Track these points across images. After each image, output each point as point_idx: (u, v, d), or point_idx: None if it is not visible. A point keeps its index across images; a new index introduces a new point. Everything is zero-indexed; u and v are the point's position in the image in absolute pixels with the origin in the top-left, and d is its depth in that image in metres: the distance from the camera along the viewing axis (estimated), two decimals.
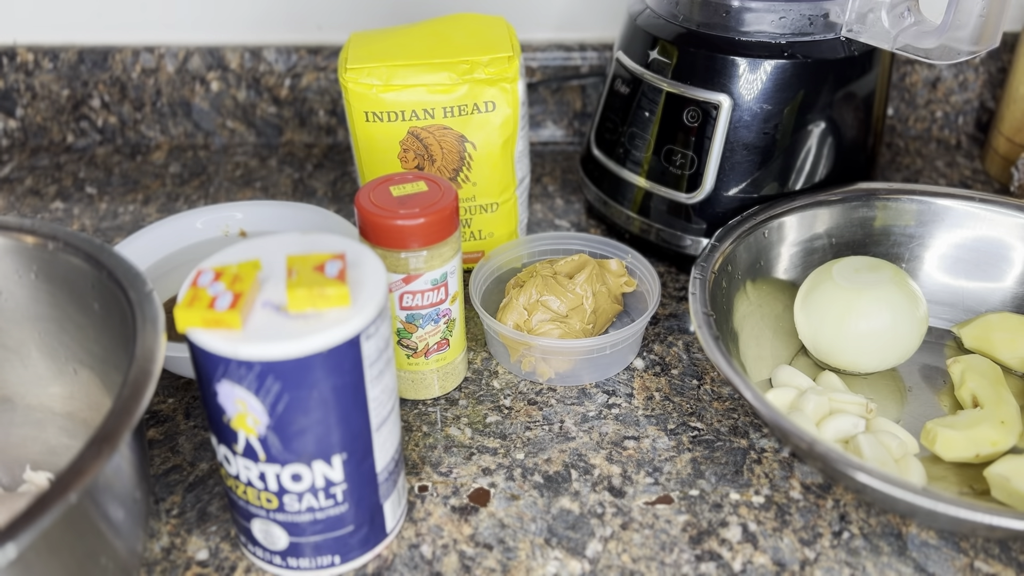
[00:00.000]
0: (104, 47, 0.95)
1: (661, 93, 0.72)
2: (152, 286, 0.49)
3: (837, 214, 0.69)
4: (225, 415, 0.46)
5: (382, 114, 0.69)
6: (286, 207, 0.76)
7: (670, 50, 0.71)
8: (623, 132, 0.75)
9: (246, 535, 0.52)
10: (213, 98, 0.97)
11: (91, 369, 0.55)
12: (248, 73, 0.95)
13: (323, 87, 0.96)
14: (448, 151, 0.71)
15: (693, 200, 0.72)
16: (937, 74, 0.96)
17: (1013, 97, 0.88)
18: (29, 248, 0.53)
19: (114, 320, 0.50)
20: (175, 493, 0.58)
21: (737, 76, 0.68)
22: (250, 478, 0.48)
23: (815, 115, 0.70)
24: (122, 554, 0.45)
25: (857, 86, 0.71)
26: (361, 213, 0.56)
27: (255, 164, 0.96)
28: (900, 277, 0.62)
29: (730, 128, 0.69)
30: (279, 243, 0.50)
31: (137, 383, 0.43)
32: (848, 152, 0.73)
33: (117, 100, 0.97)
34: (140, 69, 0.95)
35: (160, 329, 0.46)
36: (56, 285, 0.53)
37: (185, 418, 0.64)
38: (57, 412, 0.57)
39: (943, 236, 0.70)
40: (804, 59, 0.68)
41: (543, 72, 0.95)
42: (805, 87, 0.69)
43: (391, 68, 0.68)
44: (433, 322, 0.61)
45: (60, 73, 0.95)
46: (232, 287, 0.44)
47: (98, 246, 0.52)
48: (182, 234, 0.74)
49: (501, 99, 0.70)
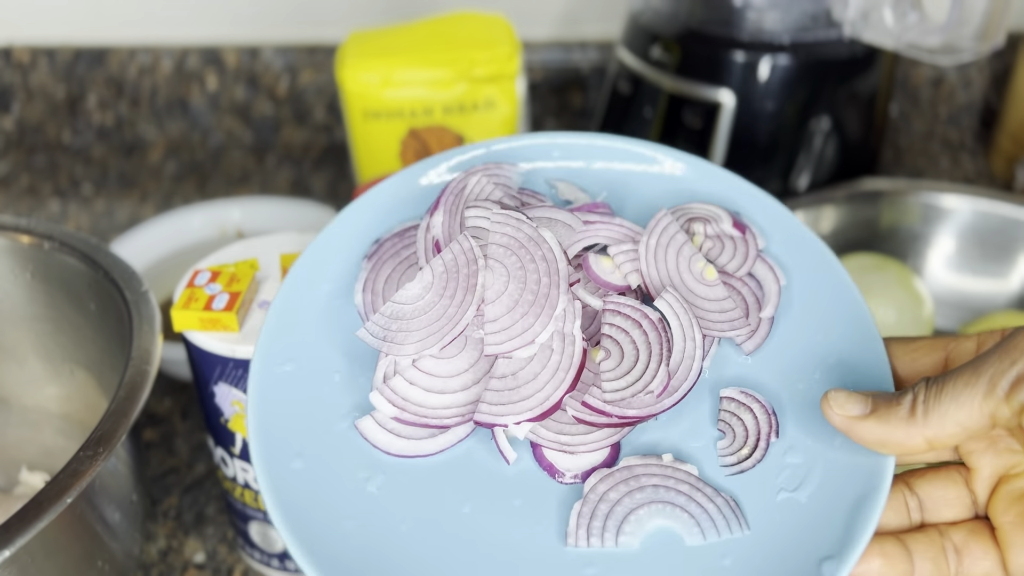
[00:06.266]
0: (100, 46, 0.94)
1: (663, 91, 0.71)
2: (148, 286, 0.48)
3: (842, 212, 0.69)
4: (222, 416, 0.45)
5: (380, 112, 0.69)
6: (283, 205, 0.76)
7: (672, 48, 0.70)
8: (625, 130, 0.75)
9: (243, 537, 0.51)
10: (210, 96, 0.96)
11: (87, 370, 0.54)
12: (245, 71, 0.95)
13: (321, 85, 0.95)
14: (447, 149, 0.71)
15: None
16: (941, 73, 0.96)
17: (1017, 96, 0.88)
18: (25, 248, 0.52)
19: (110, 320, 0.49)
20: (172, 495, 0.57)
21: (739, 74, 0.68)
22: (247, 480, 0.47)
23: (818, 113, 0.70)
24: (119, 557, 0.45)
25: (860, 84, 0.71)
26: None
27: (252, 163, 0.95)
28: (905, 276, 0.62)
29: (732, 126, 0.69)
30: (276, 243, 0.49)
31: (134, 384, 0.42)
32: (851, 151, 0.73)
33: (114, 99, 0.96)
34: (137, 67, 0.94)
35: (157, 330, 0.45)
36: (52, 285, 0.53)
37: (182, 419, 0.63)
38: (53, 413, 0.57)
39: (948, 235, 0.69)
40: (807, 57, 0.67)
41: (544, 70, 0.95)
42: (808, 85, 0.68)
43: (389, 65, 0.67)
44: None
45: (56, 72, 0.95)
46: (229, 287, 0.44)
47: (94, 246, 0.51)
48: (179, 233, 0.74)
49: (500, 97, 0.69)
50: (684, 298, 0.38)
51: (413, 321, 0.36)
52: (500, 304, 0.36)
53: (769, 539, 0.33)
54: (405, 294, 0.37)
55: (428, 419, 0.35)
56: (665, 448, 0.36)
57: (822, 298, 0.39)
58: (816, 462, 0.35)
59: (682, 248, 0.39)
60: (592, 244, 0.40)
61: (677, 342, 0.37)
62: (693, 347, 0.37)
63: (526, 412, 0.34)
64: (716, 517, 0.33)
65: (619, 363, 0.36)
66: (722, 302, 0.38)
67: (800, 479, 0.34)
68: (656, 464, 0.35)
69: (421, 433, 0.35)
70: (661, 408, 0.35)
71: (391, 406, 0.35)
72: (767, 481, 0.34)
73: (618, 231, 0.40)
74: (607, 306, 0.37)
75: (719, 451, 0.35)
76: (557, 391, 0.35)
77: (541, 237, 0.37)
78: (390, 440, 0.35)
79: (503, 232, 0.38)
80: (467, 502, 0.34)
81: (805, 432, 0.36)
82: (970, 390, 0.32)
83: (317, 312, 0.38)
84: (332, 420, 0.35)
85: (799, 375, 0.37)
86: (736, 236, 0.41)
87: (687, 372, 0.36)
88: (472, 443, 0.35)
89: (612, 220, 0.40)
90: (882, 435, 0.33)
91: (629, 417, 0.35)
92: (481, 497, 0.34)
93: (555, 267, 0.37)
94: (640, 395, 0.35)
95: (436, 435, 0.35)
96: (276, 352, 0.36)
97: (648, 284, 0.38)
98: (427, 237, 0.39)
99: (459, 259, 0.37)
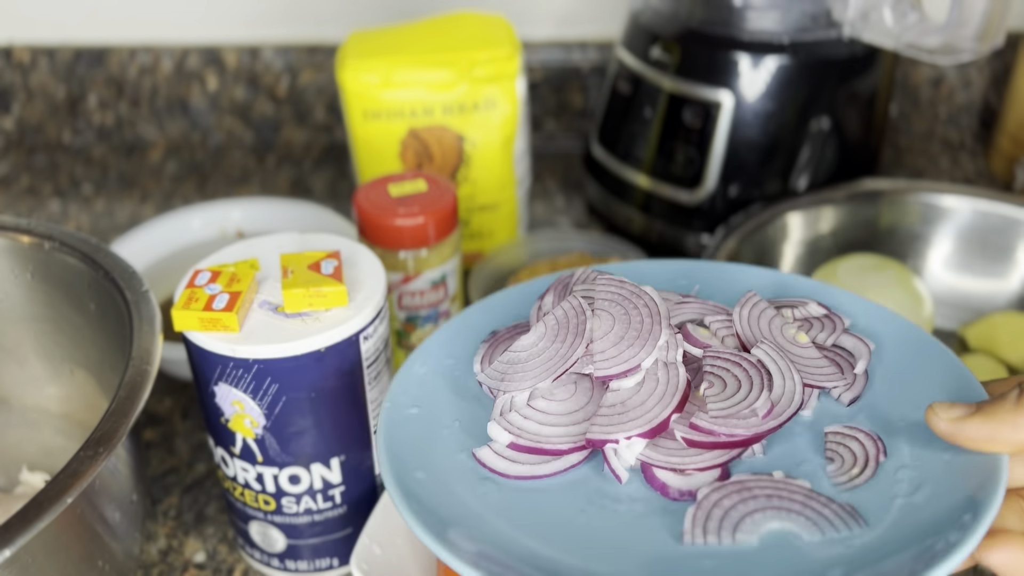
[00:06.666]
0: (100, 46, 0.94)
1: (663, 91, 0.71)
2: (149, 286, 0.48)
3: (842, 212, 0.69)
4: (222, 416, 0.45)
5: (380, 112, 0.69)
6: (284, 206, 0.76)
7: (672, 48, 0.70)
8: (625, 130, 0.75)
9: (244, 537, 0.51)
10: (210, 96, 0.96)
11: (87, 370, 0.54)
12: (245, 71, 0.95)
13: (321, 85, 0.95)
14: (447, 149, 0.71)
15: (695, 199, 0.72)
16: (940, 73, 0.95)
17: (1017, 96, 0.88)
18: (25, 248, 0.52)
19: (111, 320, 0.49)
20: (172, 495, 0.57)
21: (739, 74, 0.68)
22: (248, 480, 0.47)
23: (818, 113, 0.70)
24: (119, 556, 0.45)
25: (860, 84, 0.71)
26: (360, 212, 0.56)
27: (252, 163, 0.95)
28: (905, 276, 0.62)
29: (732, 126, 0.69)
30: (277, 243, 0.49)
31: (134, 384, 0.42)
32: (851, 151, 0.73)
33: (113, 99, 0.96)
34: (137, 67, 0.94)
35: (157, 329, 0.45)
36: (52, 285, 0.53)
37: (182, 419, 0.63)
38: (53, 413, 0.57)
39: (948, 235, 0.69)
40: (807, 57, 0.67)
41: (544, 70, 0.95)
42: (808, 85, 0.68)
43: (390, 65, 0.67)
44: (432, 322, 0.60)
45: (56, 72, 0.95)
46: (229, 287, 0.44)
47: (94, 246, 0.51)
48: (179, 233, 0.74)
49: (501, 97, 0.69)
50: (780, 348, 0.39)
51: (527, 364, 0.39)
52: (607, 340, 0.39)
53: (887, 534, 0.33)
54: (521, 343, 0.40)
55: (542, 444, 0.37)
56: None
57: (913, 359, 0.41)
58: (929, 470, 0.35)
59: (773, 319, 0.41)
60: (689, 319, 0.42)
61: (776, 379, 0.38)
62: (793, 384, 0.38)
63: (635, 428, 0.36)
64: (833, 518, 0.34)
65: (723, 390, 0.38)
66: (816, 359, 0.40)
67: (915, 486, 0.35)
68: (768, 479, 0.35)
69: (536, 459, 0.37)
70: (767, 428, 0.36)
71: (507, 434, 0.37)
72: (882, 491, 0.35)
73: (712, 308, 0.43)
74: (707, 353, 0.39)
75: (829, 474, 0.36)
76: (665, 410, 0.36)
77: (642, 291, 0.41)
78: (507, 465, 0.37)
79: (607, 290, 0.41)
80: (582, 513, 0.35)
81: (914, 450, 0.36)
82: None
83: (440, 376, 0.42)
84: (452, 452, 0.38)
85: (899, 416, 0.38)
86: (823, 316, 0.43)
87: (789, 401, 0.37)
88: (586, 470, 0.37)
89: (706, 302, 0.43)
90: (990, 431, 0.33)
91: (736, 435, 0.36)
92: (595, 507, 0.36)
93: (656, 309, 0.40)
94: (745, 415, 0.36)
95: (550, 460, 0.37)
96: (403, 399, 0.40)
97: (745, 343, 0.40)
98: (538, 313, 0.43)
99: (568, 313, 0.41)
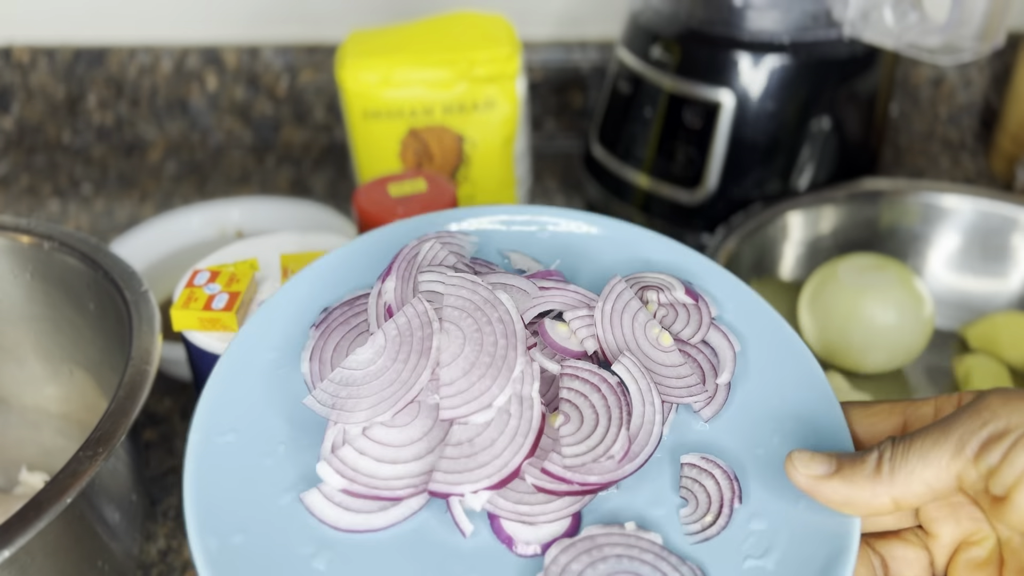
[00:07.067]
0: (100, 46, 0.94)
1: (663, 91, 0.71)
2: (148, 286, 0.48)
3: (842, 212, 0.69)
4: None
5: (380, 112, 0.69)
6: (283, 205, 0.76)
7: (672, 48, 0.70)
8: (625, 130, 0.75)
9: None
10: (210, 96, 0.96)
11: (87, 370, 0.54)
12: (245, 71, 0.94)
13: (321, 85, 0.95)
14: (447, 149, 0.71)
15: (695, 199, 0.71)
16: (941, 73, 0.95)
17: (1017, 96, 0.88)
18: (25, 248, 0.52)
19: (110, 320, 0.49)
20: (172, 495, 0.57)
21: (739, 74, 0.68)
22: None
23: (818, 113, 0.70)
24: (118, 557, 0.45)
25: (860, 84, 0.71)
26: (360, 212, 0.56)
27: (252, 163, 0.95)
28: (906, 276, 0.62)
29: (732, 126, 0.69)
30: (276, 243, 0.49)
31: (133, 384, 0.42)
32: (851, 150, 0.73)
33: (113, 99, 0.96)
34: (137, 67, 0.94)
35: (156, 329, 0.45)
36: (52, 285, 0.53)
37: (182, 419, 0.63)
38: (53, 413, 0.57)
39: (949, 235, 0.69)
40: (807, 57, 0.67)
41: (544, 70, 0.95)
42: (808, 85, 0.68)
43: (389, 64, 0.67)
44: None
45: (56, 72, 0.95)
46: (228, 287, 0.44)
47: (94, 246, 0.51)
48: (179, 233, 0.74)
49: (501, 97, 0.69)
50: (641, 363, 0.37)
51: (364, 387, 0.34)
52: (456, 367, 0.35)
53: None
54: (356, 359, 0.35)
55: (379, 491, 0.32)
56: (627, 516, 0.34)
57: (777, 364, 0.39)
58: (781, 527, 0.34)
59: (637, 314, 0.39)
60: (547, 310, 0.39)
61: (636, 406, 0.36)
62: (653, 412, 0.36)
63: (484, 480, 0.32)
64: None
65: (579, 427, 0.35)
66: (678, 368, 0.38)
67: (766, 545, 0.33)
68: (619, 533, 0.33)
69: (371, 506, 0.33)
70: (623, 474, 0.34)
71: (340, 477, 0.33)
72: (733, 548, 0.33)
73: (573, 297, 0.39)
74: (565, 370, 0.36)
75: (682, 519, 0.34)
76: (516, 457, 0.33)
77: (497, 299, 0.36)
78: (338, 514, 0.33)
79: (458, 295, 0.36)
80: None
81: (769, 496, 0.35)
82: (938, 449, 0.31)
83: (261, 381, 0.36)
84: (276, 494, 0.33)
85: (758, 441, 0.36)
86: (689, 304, 0.40)
87: (647, 437, 0.35)
88: (426, 516, 0.33)
89: (567, 287, 0.39)
90: (847, 494, 0.32)
91: (590, 484, 0.33)
92: (436, 574, 0.32)
93: (512, 328, 0.35)
94: (601, 460, 0.34)
95: (388, 508, 0.33)
96: (217, 422, 0.35)
97: (605, 349, 0.38)
98: (379, 303, 0.38)
99: (413, 322, 0.36)
